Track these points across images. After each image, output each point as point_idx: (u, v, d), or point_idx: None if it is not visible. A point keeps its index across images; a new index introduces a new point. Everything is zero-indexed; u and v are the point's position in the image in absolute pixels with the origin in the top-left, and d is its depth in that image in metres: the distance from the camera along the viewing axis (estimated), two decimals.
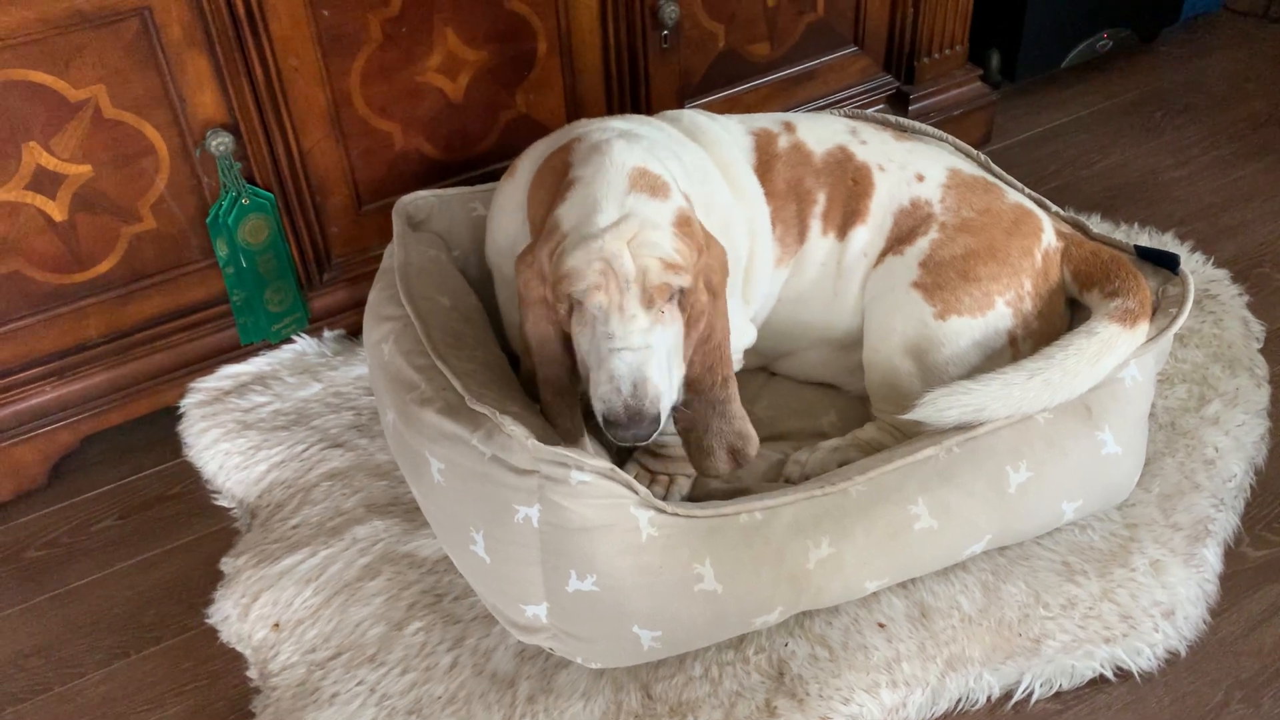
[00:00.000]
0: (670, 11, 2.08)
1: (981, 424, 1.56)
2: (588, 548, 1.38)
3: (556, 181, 1.52)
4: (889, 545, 1.50)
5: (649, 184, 1.42)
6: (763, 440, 1.78)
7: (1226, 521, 1.70)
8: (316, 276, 2.05)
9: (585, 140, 1.56)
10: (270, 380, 2.00)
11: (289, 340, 2.06)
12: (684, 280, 1.39)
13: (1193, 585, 1.60)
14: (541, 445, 1.35)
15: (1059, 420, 1.58)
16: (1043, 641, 1.54)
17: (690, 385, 1.51)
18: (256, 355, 2.04)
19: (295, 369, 2.02)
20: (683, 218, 1.43)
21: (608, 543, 1.38)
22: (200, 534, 1.88)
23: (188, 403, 1.98)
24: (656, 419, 1.36)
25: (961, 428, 1.56)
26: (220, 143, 1.80)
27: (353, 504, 1.79)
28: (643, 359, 1.37)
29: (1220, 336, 1.96)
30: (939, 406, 1.55)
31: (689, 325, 1.44)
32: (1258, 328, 2.01)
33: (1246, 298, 2.06)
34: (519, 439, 1.35)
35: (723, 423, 1.53)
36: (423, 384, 1.49)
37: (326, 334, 2.08)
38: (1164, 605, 1.58)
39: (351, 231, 2.03)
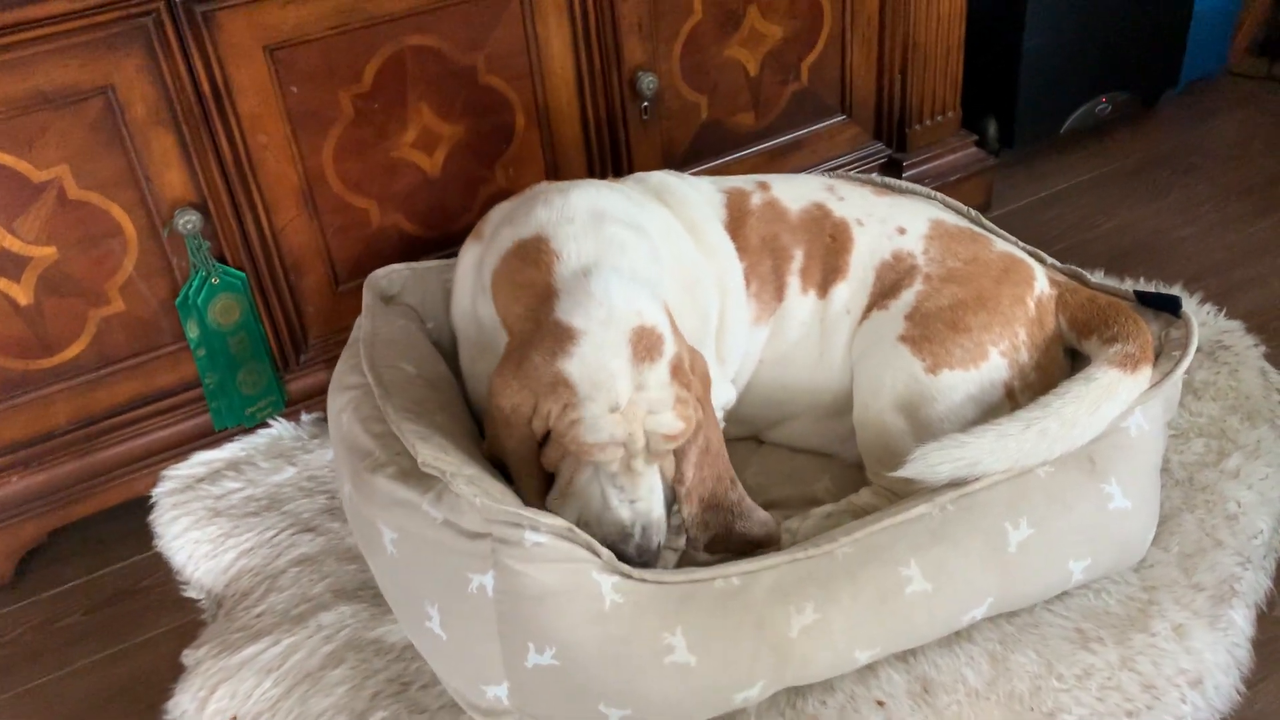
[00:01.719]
0: (648, 82, 2.06)
1: (977, 479, 1.46)
2: (546, 617, 1.28)
3: (537, 302, 1.44)
4: (880, 610, 1.38)
5: (648, 345, 1.39)
6: None
7: (1255, 582, 1.57)
8: (293, 358, 2.00)
9: (564, 258, 1.47)
10: (244, 465, 1.94)
11: (265, 424, 2.00)
12: (683, 441, 1.41)
13: (1221, 651, 1.46)
14: (491, 504, 1.26)
15: (1060, 473, 1.48)
16: (1057, 715, 1.41)
17: (705, 503, 1.49)
18: (231, 440, 1.98)
19: (270, 454, 1.95)
20: (676, 366, 1.40)
21: (568, 611, 1.28)
22: (167, 628, 1.80)
23: (159, 491, 1.92)
24: (660, 546, 1.44)
25: (956, 484, 1.46)
26: (188, 221, 1.77)
27: (320, 590, 1.70)
28: (649, 505, 1.42)
29: (1236, 389, 1.85)
30: (930, 462, 1.45)
31: (687, 447, 1.44)
32: (1277, 378, 1.89)
33: (1263, 348, 1.96)
34: (467, 497, 1.27)
35: (742, 522, 1.52)
36: (377, 450, 1.42)
37: (304, 417, 2.02)
38: (1190, 673, 1.44)
39: (328, 311, 1.99)
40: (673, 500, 1.49)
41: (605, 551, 1.31)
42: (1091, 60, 2.72)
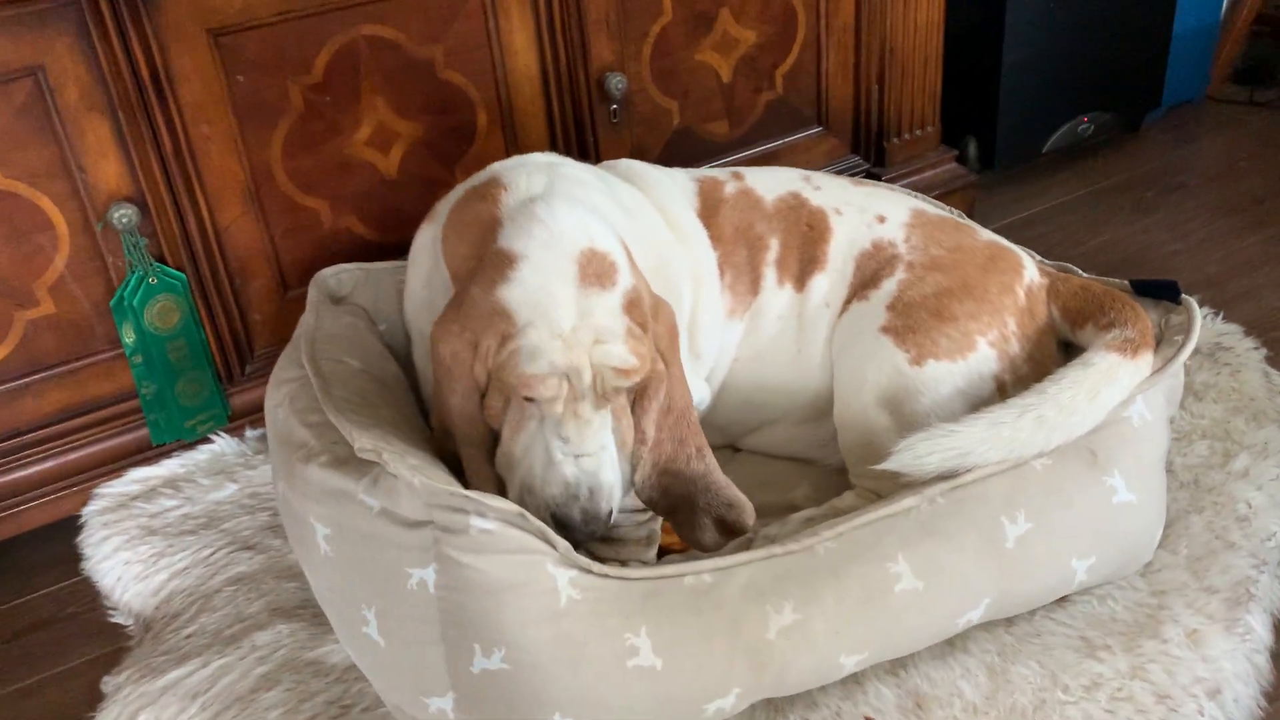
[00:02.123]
0: (617, 83, 1.98)
1: (968, 471, 1.34)
2: (495, 615, 1.14)
3: (481, 235, 1.36)
4: (866, 611, 1.25)
5: (597, 270, 1.28)
6: None
7: (1272, 588, 1.45)
8: (237, 369, 1.88)
9: (512, 189, 1.41)
10: (182, 483, 1.80)
11: (207, 440, 1.86)
12: (638, 379, 1.28)
13: (1240, 659, 1.34)
14: (433, 484, 1.13)
15: (1059, 466, 1.36)
16: None
17: (663, 467, 1.35)
18: (170, 457, 1.84)
19: (211, 470, 1.82)
20: (632, 300, 1.29)
21: (518, 608, 1.14)
22: (90, 656, 1.65)
23: (89, 510, 1.78)
24: (610, 514, 1.29)
25: (945, 476, 1.34)
26: (124, 215, 1.66)
27: (257, 609, 1.56)
28: (598, 463, 1.28)
29: (1239, 390, 1.74)
30: (917, 453, 1.34)
31: (646, 399, 1.31)
32: None
33: (1264, 351, 1.86)
34: (405, 478, 1.14)
35: (708, 497, 1.38)
36: (312, 440, 1.30)
37: (249, 433, 1.89)
38: (1208, 683, 1.31)
39: (276, 319, 1.87)
40: (632, 475, 1.35)
41: (562, 543, 1.18)
42: (1072, 79, 2.67)
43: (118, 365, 1.78)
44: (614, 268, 1.28)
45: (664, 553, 1.50)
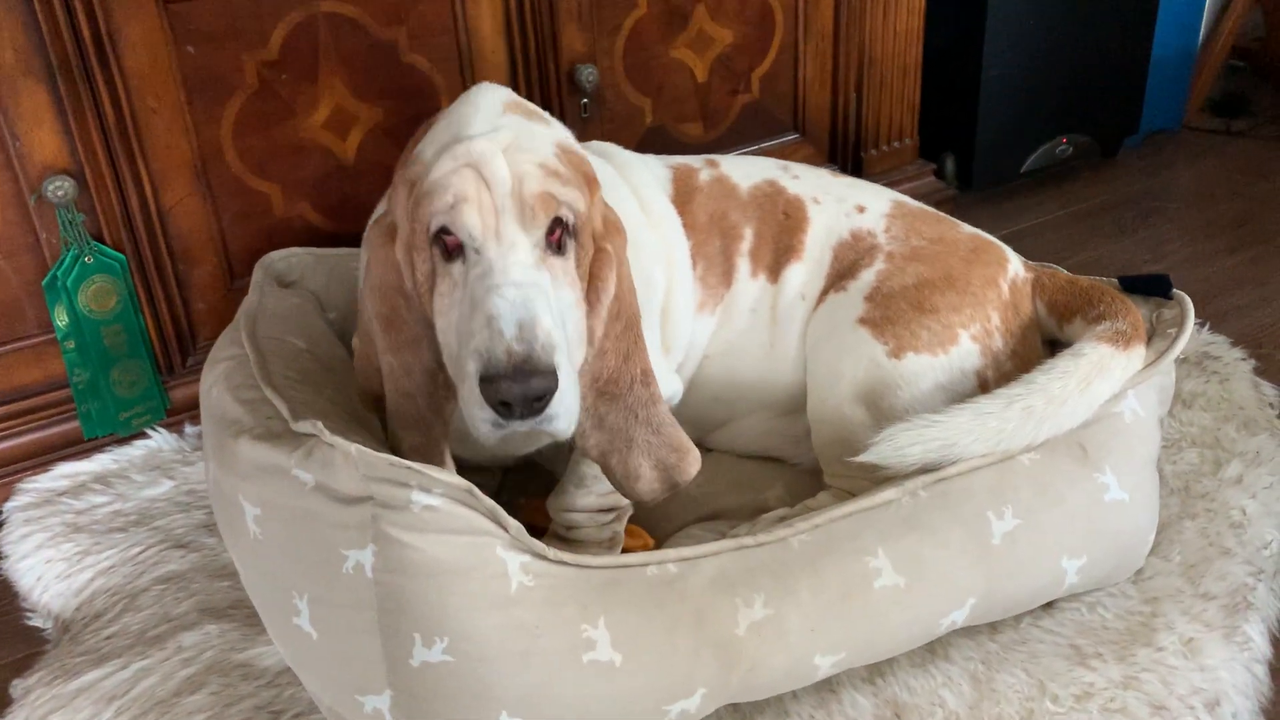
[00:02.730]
0: (588, 75, 1.91)
1: (952, 464, 1.26)
2: (437, 601, 1.04)
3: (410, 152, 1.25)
4: (844, 607, 1.16)
5: (525, 110, 1.20)
6: (697, 520, 1.47)
7: (1268, 599, 1.37)
8: (178, 360, 1.77)
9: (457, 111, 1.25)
10: (114, 479, 1.68)
11: (143, 435, 1.75)
12: (571, 196, 1.12)
13: (1239, 669, 1.25)
14: (371, 453, 1.03)
15: (1049, 460, 1.28)
16: None
17: (602, 387, 1.18)
18: (102, 451, 1.73)
19: (145, 466, 1.70)
20: (565, 147, 1.17)
21: (464, 593, 1.04)
22: (2, 662, 1.51)
23: (11, 506, 1.66)
24: (551, 372, 1.03)
25: (927, 469, 1.26)
26: (59, 188, 1.56)
27: (185, 608, 1.44)
28: (528, 295, 1.06)
29: (1228, 399, 1.68)
30: (899, 444, 1.26)
31: (592, 292, 1.15)
32: (1270, 391, 1.73)
33: (1252, 363, 1.80)
34: (342, 448, 1.04)
35: (648, 433, 1.22)
36: (245, 416, 1.19)
37: (188, 429, 1.78)
38: (1206, 693, 1.22)
39: (221, 309, 1.77)
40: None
41: (514, 524, 1.08)
42: (1052, 100, 2.63)
43: (48, 350, 1.67)
44: (544, 117, 1.20)
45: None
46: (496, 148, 1.10)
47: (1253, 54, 3.24)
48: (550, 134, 1.19)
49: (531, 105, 1.25)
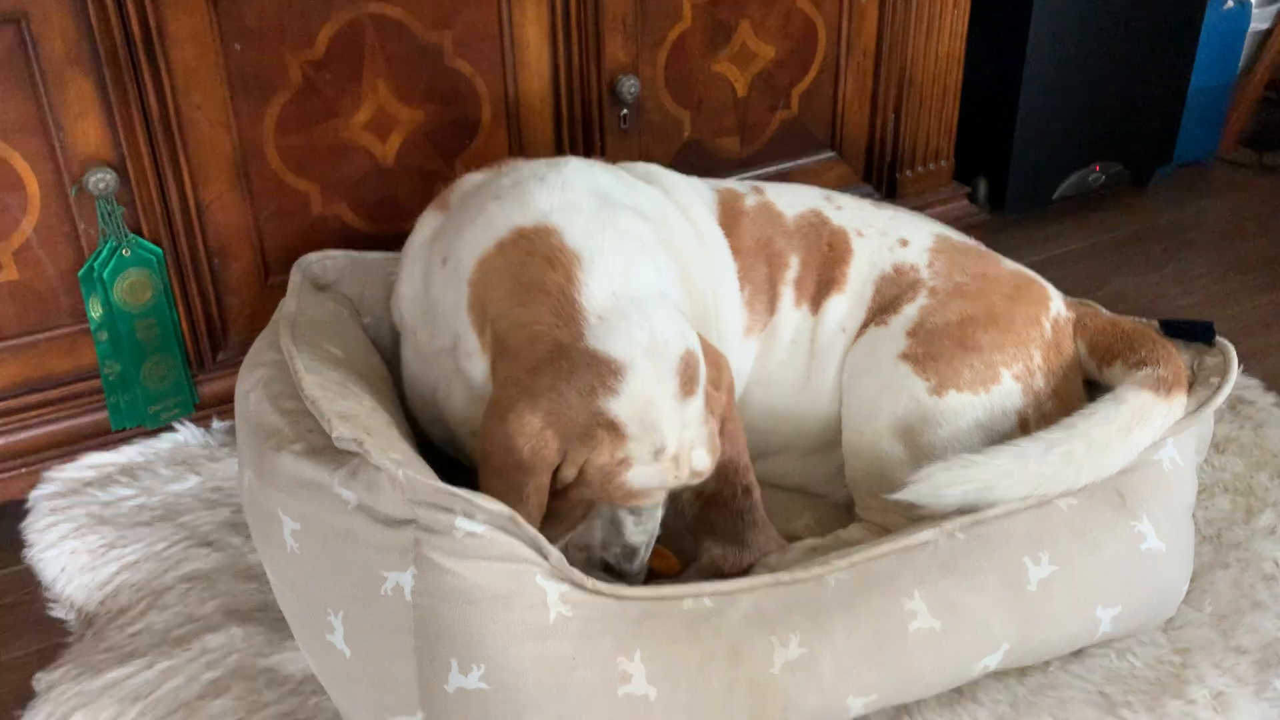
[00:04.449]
0: (629, 87, 1.90)
1: (990, 506, 1.25)
2: (475, 627, 1.03)
3: (552, 310, 1.21)
4: (878, 650, 1.16)
5: (690, 376, 1.22)
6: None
7: None
8: (209, 356, 1.76)
9: (587, 263, 1.23)
10: (140, 471, 1.68)
11: (169, 428, 1.74)
12: (709, 474, 1.28)
13: None
14: (418, 478, 1.03)
15: (1087, 507, 1.28)
16: None
17: (705, 498, 1.34)
18: (129, 443, 1.73)
19: (172, 460, 1.70)
20: (709, 394, 1.26)
21: (502, 621, 1.04)
22: (23, 651, 1.51)
23: (37, 494, 1.65)
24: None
25: (965, 511, 1.25)
26: (101, 180, 1.55)
27: (210, 609, 1.44)
28: (656, 525, 1.31)
29: (1261, 445, 1.67)
30: (936, 484, 1.25)
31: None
32: None
33: None
34: (389, 470, 1.03)
35: (744, 525, 1.36)
36: (285, 427, 1.19)
37: (215, 424, 1.77)
38: None
39: (254, 306, 1.76)
40: None
41: (555, 553, 1.08)
42: (1087, 127, 2.62)
43: (81, 341, 1.66)
44: (699, 365, 1.23)
45: (653, 576, 1.40)
46: (686, 469, 1.23)
47: None
48: (701, 401, 1.24)
49: (692, 355, 1.24)
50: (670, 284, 1.30)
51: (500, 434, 1.15)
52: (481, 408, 1.23)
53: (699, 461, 1.23)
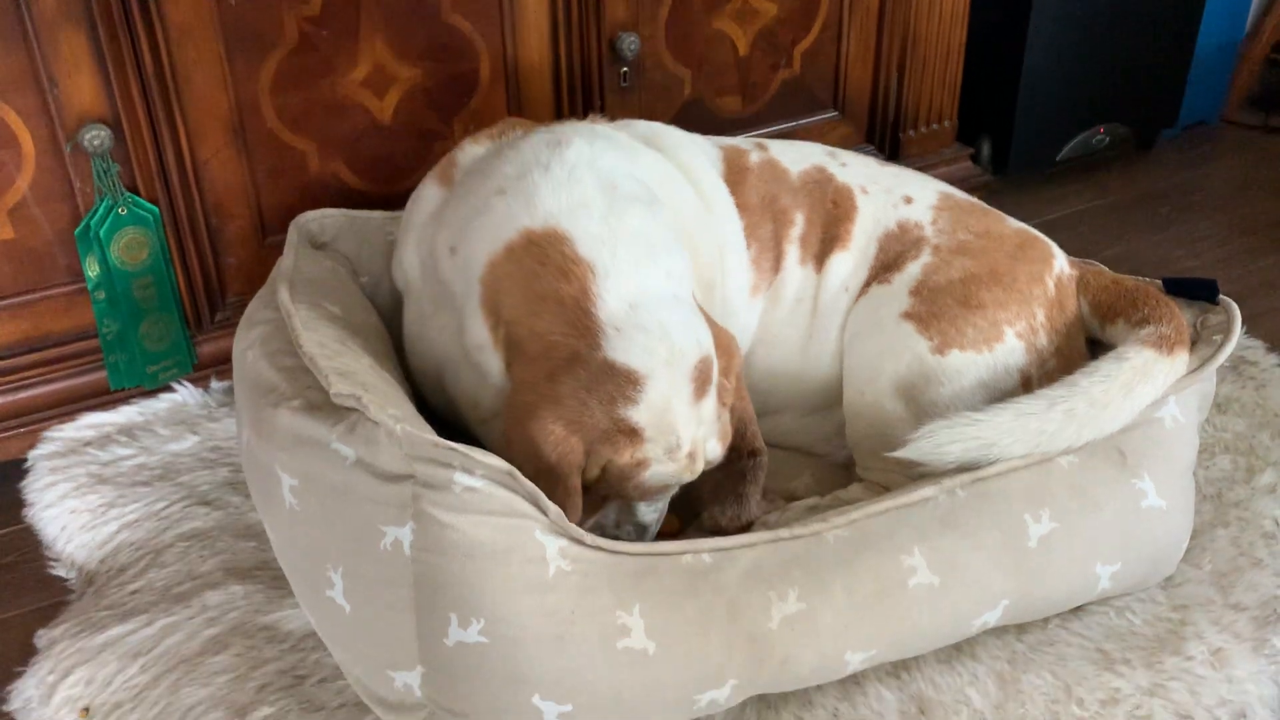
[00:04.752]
0: (630, 44, 1.88)
1: (991, 464, 1.25)
2: (474, 582, 1.03)
3: (568, 321, 1.20)
4: (877, 606, 1.16)
5: (704, 379, 1.24)
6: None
7: None
8: (207, 315, 1.76)
9: (600, 273, 1.21)
10: (139, 431, 1.68)
11: (168, 388, 1.74)
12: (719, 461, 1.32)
13: (1266, 682, 1.25)
14: (416, 433, 1.02)
15: (1087, 465, 1.27)
16: None
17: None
18: (127, 403, 1.72)
19: (171, 420, 1.70)
20: (721, 388, 1.28)
21: (501, 576, 1.04)
22: (24, 609, 1.52)
23: (37, 454, 1.65)
24: None
25: (966, 468, 1.25)
26: (96, 137, 1.54)
27: (210, 567, 1.44)
28: (665, 506, 1.34)
29: (1263, 405, 1.67)
30: (938, 441, 1.25)
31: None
32: None
33: None
34: (387, 425, 1.03)
35: (755, 489, 1.39)
36: (283, 384, 1.18)
37: (214, 385, 1.77)
38: (1233, 705, 1.22)
39: (252, 265, 1.75)
40: None
41: (553, 508, 1.08)
42: (1092, 88, 2.59)
43: (78, 300, 1.66)
44: (712, 366, 1.25)
45: None
46: (700, 463, 1.26)
47: None
48: (714, 397, 1.26)
49: (707, 358, 1.25)
50: (683, 279, 1.29)
51: (524, 440, 1.17)
52: (492, 396, 1.26)
53: (712, 452, 1.28)
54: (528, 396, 1.19)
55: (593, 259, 1.22)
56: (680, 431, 1.21)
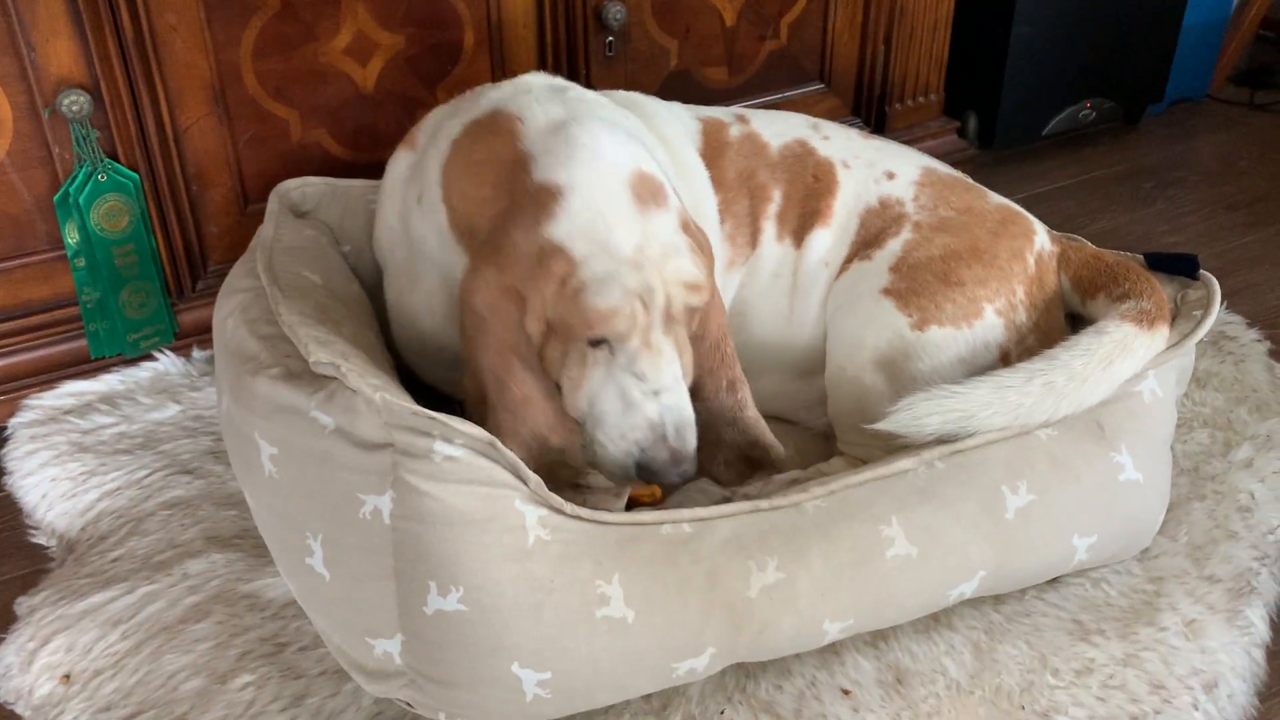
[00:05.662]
0: (615, 12, 1.87)
1: (969, 436, 1.25)
2: (454, 550, 1.04)
3: (505, 174, 1.22)
4: (855, 575, 1.16)
5: (651, 191, 1.18)
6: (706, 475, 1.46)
7: (1271, 584, 1.38)
8: (188, 284, 1.75)
9: (529, 119, 1.26)
10: (120, 400, 1.67)
11: (150, 357, 1.73)
12: (705, 297, 1.20)
13: (1238, 653, 1.27)
14: (396, 402, 1.02)
15: (1066, 438, 1.28)
16: (1052, 716, 1.19)
17: (691, 393, 1.26)
18: (108, 372, 1.72)
19: (152, 389, 1.69)
20: (685, 220, 1.21)
21: (481, 544, 1.04)
22: (6, 576, 1.52)
23: (16, 422, 1.65)
24: (695, 458, 1.21)
25: (945, 440, 1.25)
26: (75, 103, 1.52)
27: (191, 535, 1.44)
28: (680, 399, 1.20)
29: (1241, 380, 1.68)
30: (917, 414, 1.25)
31: (704, 327, 1.26)
32: None
33: (1267, 344, 1.79)
34: (365, 394, 1.03)
35: (735, 432, 1.32)
36: (262, 353, 1.18)
37: (196, 354, 1.76)
38: (1205, 675, 1.24)
39: (233, 233, 1.74)
40: None
41: (533, 478, 1.08)
42: (1079, 63, 2.59)
43: (58, 267, 1.64)
44: (663, 188, 1.19)
45: (632, 504, 1.40)
46: (656, 275, 1.14)
47: None
48: (676, 216, 1.19)
49: (650, 174, 1.20)
50: (640, 137, 1.27)
51: (465, 304, 1.15)
52: None
53: (683, 270, 1.16)
54: (472, 263, 1.18)
55: (524, 112, 1.24)
56: (618, 239, 1.13)
